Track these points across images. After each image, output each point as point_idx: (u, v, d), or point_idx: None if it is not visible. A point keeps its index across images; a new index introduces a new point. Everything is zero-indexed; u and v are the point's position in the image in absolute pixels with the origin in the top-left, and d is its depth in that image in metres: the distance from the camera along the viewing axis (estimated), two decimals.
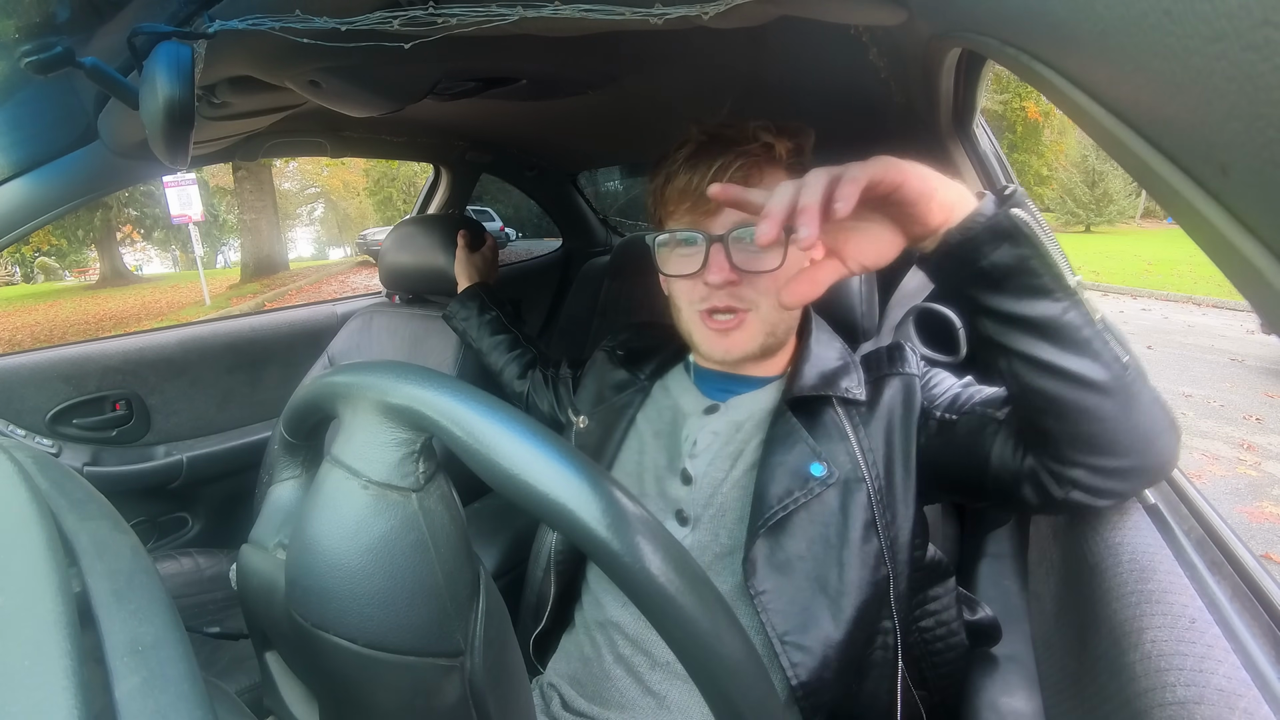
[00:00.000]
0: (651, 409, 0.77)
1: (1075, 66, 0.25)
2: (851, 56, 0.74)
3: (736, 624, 0.29)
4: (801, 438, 0.64)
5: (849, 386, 0.67)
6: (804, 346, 0.71)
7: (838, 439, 0.64)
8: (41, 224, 0.89)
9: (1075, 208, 19.09)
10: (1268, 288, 0.17)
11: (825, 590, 0.61)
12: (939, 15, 0.44)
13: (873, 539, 0.61)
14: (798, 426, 0.65)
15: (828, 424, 0.65)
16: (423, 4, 0.51)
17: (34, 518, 0.31)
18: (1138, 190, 18.40)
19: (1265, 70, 0.15)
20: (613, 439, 0.76)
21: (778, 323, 0.68)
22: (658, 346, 0.81)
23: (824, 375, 0.68)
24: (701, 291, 0.66)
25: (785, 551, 0.62)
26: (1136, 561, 0.47)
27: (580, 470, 0.28)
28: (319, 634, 0.33)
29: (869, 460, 0.63)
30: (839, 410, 0.66)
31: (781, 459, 0.64)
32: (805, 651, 0.59)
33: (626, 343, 0.85)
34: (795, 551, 0.62)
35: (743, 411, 0.70)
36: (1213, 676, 0.37)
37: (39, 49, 0.56)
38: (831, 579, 0.61)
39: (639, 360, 0.81)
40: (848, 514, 0.62)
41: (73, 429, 1.19)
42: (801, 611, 0.60)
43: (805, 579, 0.61)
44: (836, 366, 0.69)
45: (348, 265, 15.03)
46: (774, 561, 0.62)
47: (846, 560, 0.61)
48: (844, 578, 0.61)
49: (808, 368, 0.68)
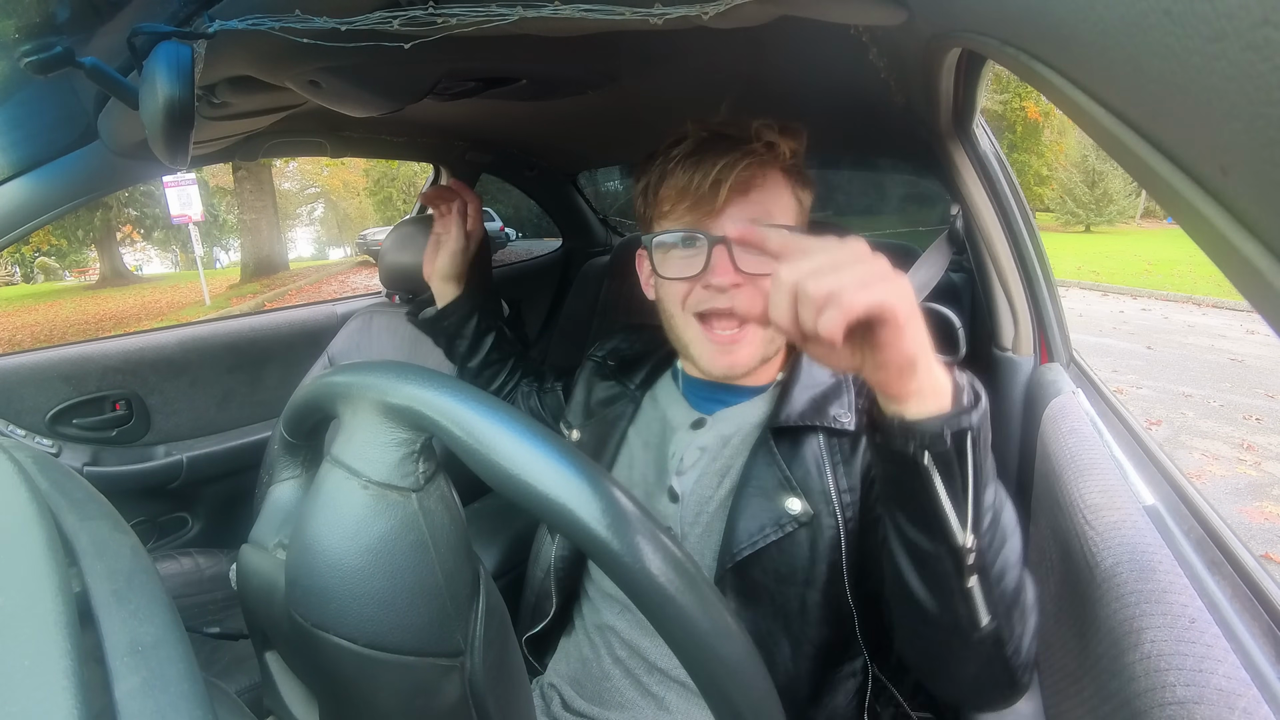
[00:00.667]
0: (641, 420, 0.76)
1: (1075, 66, 0.25)
2: (851, 56, 0.74)
3: (736, 624, 0.29)
4: (779, 473, 0.63)
5: (838, 415, 0.64)
6: (795, 360, 0.69)
7: (816, 475, 0.62)
8: (41, 224, 0.89)
9: (1075, 208, 19.09)
10: (1268, 288, 0.17)
11: (788, 626, 0.61)
12: (939, 15, 0.44)
13: (838, 580, 0.60)
14: (777, 458, 0.63)
15: (807, 458, 0.63)
16: (423, 4, 0.51)
17: (34, 518, 0.31)
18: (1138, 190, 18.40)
19: (1265, 70, 0.15)
20: (606, 452, 0.74)
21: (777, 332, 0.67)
22: (648, 352, 0.80)
23: (814, 400, 0.65)
24: (700, 294, 0.64)
25: (752, 580, 0.61)
26: (1136, 561, 0.47)
27: (580, 470, 0.28)
28: (319, 634, 0.33)
29: (844, 501, 0.61)
30: (823, 443, 0.63)
31: (756, 490, 0.62)
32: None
33: (615, 350, 0.83)
34: (761, 582, 0.61)
35: (730, 425, 0.68)
36: (1213, 676, 0.37)
37: (39, 49, 0.56)
38: (794, 614, 0.61)
39: (628, 369, 0.80)
40: (815, 553, 0.61)
41: (73, 429, 1.19)
42: (759, 642, 0.59)
43: (768, 610, 0.61)
44: (827, 388, 0.66)
45: (348, 265, 15.03)
46: (740, 589, 0.61)
47: (809, 599, 0.60)
48: (805, 615, 0.61)
49: (798, 390, 0.66)
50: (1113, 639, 0.45)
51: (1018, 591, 0.47)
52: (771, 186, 0.64)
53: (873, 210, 2.26)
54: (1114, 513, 0.53)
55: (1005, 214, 0.92)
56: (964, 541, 0.43)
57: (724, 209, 0.62)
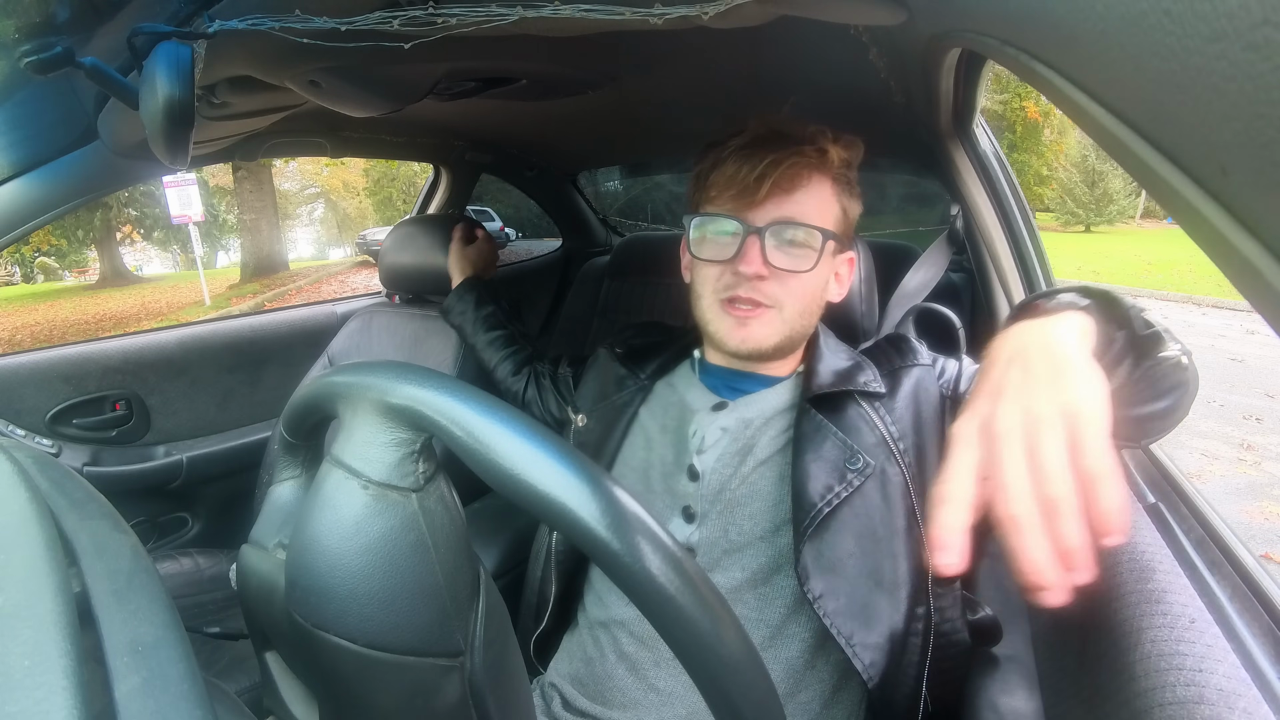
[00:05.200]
0: (656, 405, 0.77)
1: (1075, 66, 0.25)
2: (851, 56, 0.74)
3: (737, 624, 0.29)
4: (830, 432, 0.64)
5: (867, 381, 0.67)
6: (815, 348, 0.72)
7: (866, 430, 0.64)
8: (41, 224, 0.89)
9: (1075, 208, 19.09)
10: (1268, 288, 0.17)
11: (881, 584, 0.60)
12: (939, 15, 0.44)
13: (915, 526, 0.61)
14: (824, 422, 0.65)
15: (853, 417, 0.65)
16: (423, 4, 0.51)
17: (34, 518, 0.31)
18: (1138, 190, 18.39)
19: (1265, 70, 0.15)
20: (614, 437, 0.75)
21: (797, 328, 0.68)
22: (660, 346, 0.81)
23: (839, 373, 0.68)
24: (728, 280, 0.66)
25: (834, 550, 0.61)
26: (1136, 561, 0.47)
27: (580, 470, 0.28)
28: (319, 634, 0.33)
29: (900, 448, 0.63)
30: (862, 403, 0.66)
31: (815, 455, 0.63)
32: (875, 649, 0.59)
33: (628, 341, 0.85)
34: (844, 549, 0.61)
35: (753, 409, 0.70)
36: (1213, 676, 0.37)
37: (39, 49, 0.56)
38: (886, 571, 0.60)
39: (641, 359, 0.81)
40: (890, 503, 0.62)
41: (73, 429, 1.19)
42: (862, 609, 0.59)
43: (859, 575, 0.60)
44: (849, 365, 0.70)
45: (347, 265, 15.02)
46: (823, 563, 0.60)
47: (898, 550, 0.61)
48: (897, 568, 0.60)
49: (822, 367, 0.69)
50: (1113, 639, 0.45)
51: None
52: (816, 190, 0.66)
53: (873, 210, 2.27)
54: None
55: (1005, 214, 0.92)
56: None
57: (764, 202, 0.64)
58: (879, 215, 2.24)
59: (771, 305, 0.66)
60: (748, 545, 0.64)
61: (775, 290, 0.65)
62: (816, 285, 0.68)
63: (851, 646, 0.58)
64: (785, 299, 0.66)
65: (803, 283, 0.65)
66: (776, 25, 0.52)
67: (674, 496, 0.69)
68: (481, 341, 1.04)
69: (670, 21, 0.48)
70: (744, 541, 0.65)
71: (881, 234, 1.85)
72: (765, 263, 0.63)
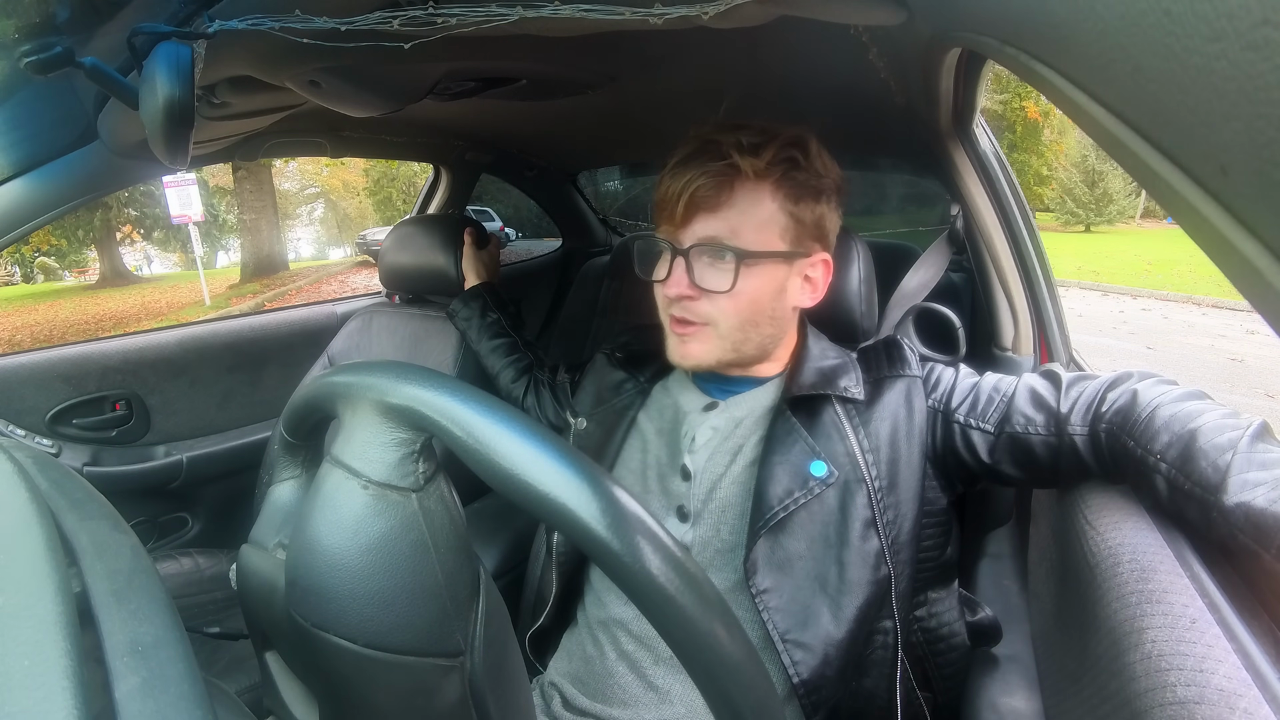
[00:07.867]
0: (653, 408, 0.77)
1: (1075, 66, 0.25)
2: (851, 56, 0.74)
3: (736, 623, 0.29)
4: (800, 437, 0.64)
5: (847, 385, 0.67)
6: (803, 346, 0.72)
7: (837, 439, 0.64)
8: (41, 224, 0.89)
9: (1075, 208, 19.09)
10: (1268, 288, 0.17)
11: (825, 589, 0.61)
12: (939, 15, 0.44)
13: (872, 538, 0.61)
14: (797, 426, 0.65)
15: (827, 424, 0.65)
16: (423, 4, 0.51)
17: (34, 518, 0.31)
18: (1138, 190, 18.40)
19: (1265, 70, 0.15)
20: (613, 440, 0.76)
21: (742, 340, 0.66)
22: (658, 349, 0.81)
23: (822, 373, 0.68)
24: (665, 300, 0.68)
25: (785, 550, 0.62)
26: (1136, 561, 0.47)
27: (580, 470, 0.28)
28: (319, 634, 0.33)
29: (869, 460, 0.63)
30: (838, 409, 0.66)
31: (781, 458, 0.64)
32: (806, 649, 0.59)
33: (626, 345, 0.85)
34: (795, 550, 0.62)
35: (742, 408, 0.70)
36: (1213, 676, 0.37)
37: (39, 49, 0.56)
38: (831, 577, 0.61)
39: (639, 363, 0.81)
40: (847, 514, 0.62)
41: (73, 429, 1.19)
42: (802, 610, 0.60)
43: (805, 577, 0.61)
44: (835, 365, 0.69)
45: (347, 265, 15.03)
46: (774, 560, 0.62)
47: (846, 559, 0.61)
48: (844, 576, 0.61)
49: (806, 366, 0.69)
50: (1113, 639, 0.45)
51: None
52: (748, 202, 0.63)
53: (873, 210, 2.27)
54: (1114, 513, 0.53)
55: (1005, 214, 0.92)
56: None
57: (689, 222, 0.63)
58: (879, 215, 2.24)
59: (706, 323, 0.65)
60: (738, 546, 0.64)
61: (706, 309, 0.64)
62: (755, 299, 0.64)
63: (784, 642, 0.59)
64: (718, 316, 0.64)
65: (732, 300, 0.63)
66: (776, 25, 0.53)
67: (669, 496, 0.69)
68: (485, 348, 1.06)
69: (670, 21, 0.48)
70: (736, 541, 0.65)
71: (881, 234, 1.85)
72: (691, 284, 0.63)
